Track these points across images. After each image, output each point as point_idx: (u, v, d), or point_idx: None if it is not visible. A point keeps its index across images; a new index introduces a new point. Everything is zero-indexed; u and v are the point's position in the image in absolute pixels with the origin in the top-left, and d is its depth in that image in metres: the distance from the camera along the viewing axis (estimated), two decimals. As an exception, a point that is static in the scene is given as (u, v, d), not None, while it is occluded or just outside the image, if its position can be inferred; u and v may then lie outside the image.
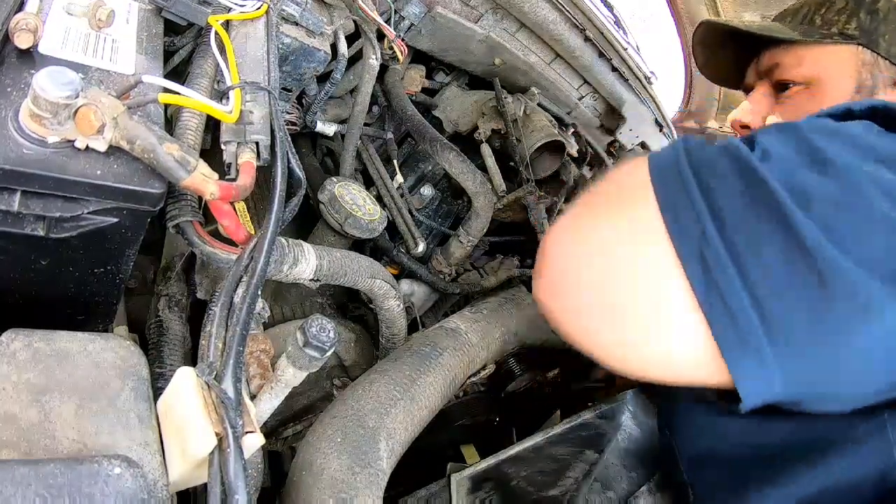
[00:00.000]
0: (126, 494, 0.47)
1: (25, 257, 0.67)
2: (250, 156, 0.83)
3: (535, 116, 1.69)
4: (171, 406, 0.61)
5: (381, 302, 1.16)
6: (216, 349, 0.66)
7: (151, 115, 0.74)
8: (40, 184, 0.61)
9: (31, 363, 0.57)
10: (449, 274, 1.54)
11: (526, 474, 1.13)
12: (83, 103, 0.61)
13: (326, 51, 1.15)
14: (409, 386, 1.00)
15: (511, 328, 1.35)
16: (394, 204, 1.53)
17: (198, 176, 0.68)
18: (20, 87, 0.66)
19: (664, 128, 2.28)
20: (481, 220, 1.42)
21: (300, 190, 0.91)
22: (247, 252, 0.75)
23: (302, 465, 0.84)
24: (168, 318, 0.98)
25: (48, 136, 0.61)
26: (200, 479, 0.59)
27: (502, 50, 1.63)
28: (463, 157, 1.36)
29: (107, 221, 0.67)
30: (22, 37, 0.67)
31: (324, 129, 1.45)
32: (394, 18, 1.36)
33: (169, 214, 0.78)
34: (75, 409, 0.56)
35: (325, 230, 1.31)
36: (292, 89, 1.22)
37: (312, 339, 0.68)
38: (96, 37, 0.77)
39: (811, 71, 1.05)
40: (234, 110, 0.80)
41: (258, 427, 0.63)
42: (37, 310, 0.74)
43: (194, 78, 0.87)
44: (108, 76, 0.74)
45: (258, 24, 0.95)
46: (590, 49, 1.80)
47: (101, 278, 0.74)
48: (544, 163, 1.78)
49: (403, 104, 1.48)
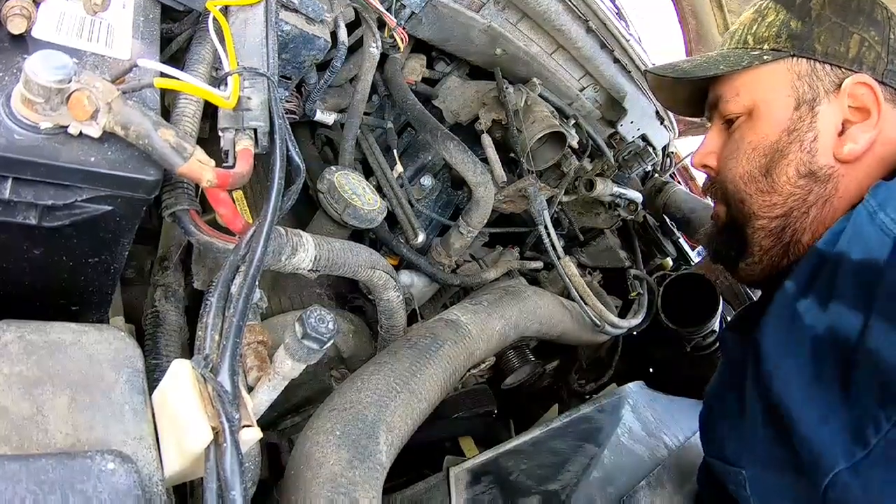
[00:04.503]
0: (120, 490, 0.46)
1: (17, 246, 0.65)
2: (248, 143, 0.81)
3: (536, 107, 1.67)
4: (167, 399, 0.60)
5: (380, 293, 1.15)
6: (213, 341, 0.65)
7: (147, 101, 0.72)
8: (32, 171, 0.60)
9: (24, 355, 0.56)
10: (449, 265, 1.53)
11: (525, 468, 1.12)
12: (76, 88, 0.60)
13: (326, 38, 1.13)
14: (409, 379, 1.00)
15: (511, 320, 1.34)
16: (393, 194, 1.52)
17: (194, 163, 0.67)
18: (12, 72, 0.64)
19: (665, 120, 2.27)
20: (481, 210, 1.41)
21: (299, 178, 0.90)
22: (244, 241, 0.74)
23: (300, 458, 0.83)
24: (165, 309, 0.97)
25: (40, 122, 0.60)
26: (196, 473, 0.58)
27: (504, 40, 1.61)
28: (463, 147, 1.35)
29: (100, 209, 0.66)
30: (15, 22, 0.66)
31: (323, 118, 1.44)
32: (394, 6, 1.35)
33: (165, 203, 0.77)
34: (68, 401, 0.55)
35: (323, 220, 1.29)
36: (291, 77, 1.20)
37: (311, 331, 0.67)
38: (91, 21, 0.75)
39: (747, 100, 1.02)
40: (232, 96, 0.79)
41: (255, 420, 0.62)
42: (29, 300, 0.73)
43: (192, 64, 0.86)
44: (103, 61, 0.72)
45: (257, 10, 0.93)
46: (591, 40, 1.78)
47: (95, 268, 0.73)
48: (545, 154, 1.77)
49: (404, 93, 1.46)
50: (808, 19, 0.98)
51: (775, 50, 0.99)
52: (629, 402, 1.38)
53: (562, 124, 1.73)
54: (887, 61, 0.95)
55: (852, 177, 0.95)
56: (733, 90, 1.04)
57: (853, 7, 0.97)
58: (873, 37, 0.96)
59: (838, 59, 0.96)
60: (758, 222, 1.01)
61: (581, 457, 1.14)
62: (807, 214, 0.97)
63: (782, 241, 1.00)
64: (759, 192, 1.00)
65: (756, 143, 1.00)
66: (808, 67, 0.97)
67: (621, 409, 1.34)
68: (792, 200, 0.97)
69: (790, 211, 0.98)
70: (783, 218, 0.99)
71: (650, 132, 2.26)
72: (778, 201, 0.98)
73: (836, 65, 0.96)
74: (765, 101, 1.00)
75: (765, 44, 1.01)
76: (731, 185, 1.04)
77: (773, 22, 1.02)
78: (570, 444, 1.19)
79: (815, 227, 0.97)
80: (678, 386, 1.70)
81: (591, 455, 1.14)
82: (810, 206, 0.97)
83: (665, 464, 1.21)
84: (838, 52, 0.96)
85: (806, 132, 0.96)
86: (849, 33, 0.96)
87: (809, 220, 0.97)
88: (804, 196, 0.97)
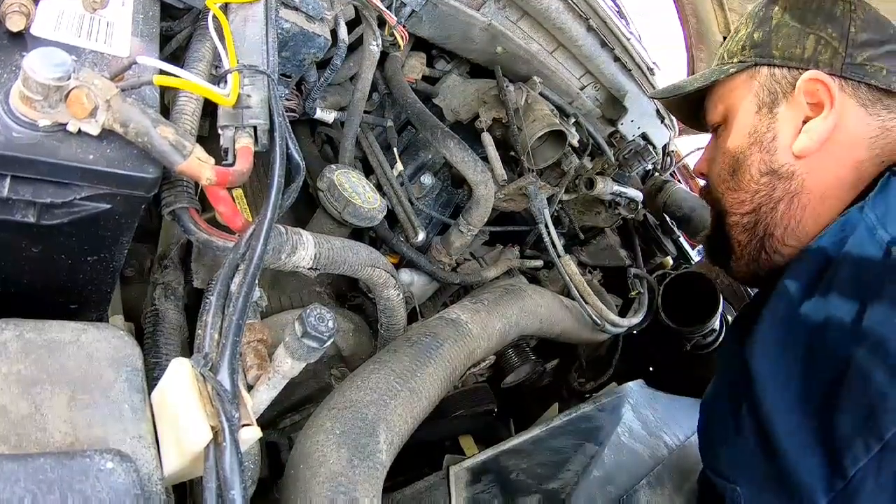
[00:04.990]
0: (119, 490, 0.46)
1: (16, 245, 0.65)
2: (248, 140, 0.81)
3: (536, 106, 1.67)
4: (166, 398, 0.59)
5: (380, 291, 1.14)
6: (212, 339, 0.64)
7: (146, 99, 0.72)
8: (31, 169, 0.59)
9: (22, 354, 0.56)
10: (449, 263, 1.53)
11: (525, 467, 1.12)
12: (75, 85, 0.59)
13: (326, 36, 1.13)
14: (409, 377, 0.99)
15: (512, 319, 1.34)
16: (393, 192, 1.51)
17: (193, 161, 0.67)
18: (11, 69, 0.64)
19: (665, 119, 2.27)
20: (482, 209, 1.41)
21: (299, 176, 0.89)
22: (244, 240, 0.73)
23: (300, 457, 0.82)
24: (164, 308, 0.97)
25: (39, 120, 0.60)
26: (196, 472, 0.58)
27: (504, 38, 1.61)
28: (464, 145, 1.35)
29: (99, 207, 0.65)
30: (14, 19, 0.65)
31: (323, 116, 1.43)
32: (395, 4, 1.34)
33: (164, 201, 0.77)
34: (67, 400, 0.55)
35: (323, 218, 1.29)
36: (291, 75, 1.20)
37: (311, 330, 0.67)
38: (90, 19, 0.75)
39: (721, 109, 1.13)
40: (232, 94, 0.78)
41: (255, 419, 0.62)
42: (28, 299, 0.73)
43: (191, 62, 0.85)
44: (102, 58, 0.72)
45: (257, 8, 0.93)
46: (592, 38, 1.78)
47: (94, 266, 0.73)
48: (545, 152, 1.76)
49: (404, 92, 1.46)
50: (768, 29, 1.06)
51: (741, 62, 1.09)
52: (629, 401, 1.37)
53: (562, 123, 1.72)
54: (845, 55, 0.98)
55: (820, 169, 0.99)
56: (712, 102, 1.16)
57: (812, 8, 1.03)
58: (830, 34, 1.00)
59: (795, 61, 1.02)
60: (731, 219, 1.11)
61: (581, 456, 1.14)
62: (775, 210, 1.04)
63: (757, 236, 1.07)
64: (729, 190, 1.10)
65: (725, 146, 1.11)
66: (768, 73, 1.05)
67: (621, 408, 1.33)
68: (758, 197, 1.05)
69: (758, 207, 1.06)
70: (753, 214, 1.07)
71: (651, 131, 2.26)
72: (745, 198, 1.07)
73: (794, 67, 1.02)
74: (733, 108, 1.10)
75: (734, 58, 1.11)
76: (711, 186, 1.16)
77: (740, 37, 1.11)
78: (570, 443, 1.19)
79: (786, 221, 1.03)
80: (678, 385, 1.70)
81: (591, 454, 1.14)
82: (777, 201, 1.03)
83: (665, 463, 1.21)
84: (794, 55, 1.02)
85: (765, 133, 1.04)
86: (805, 34, 1.02)
87: (779, 214, 1.03)
88: (769, 192, 1.04)
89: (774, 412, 0.85)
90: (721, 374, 1.11)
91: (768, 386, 0.87)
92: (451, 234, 1.48)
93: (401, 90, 1.47)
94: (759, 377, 0.88)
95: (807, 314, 0.85)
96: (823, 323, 0.83)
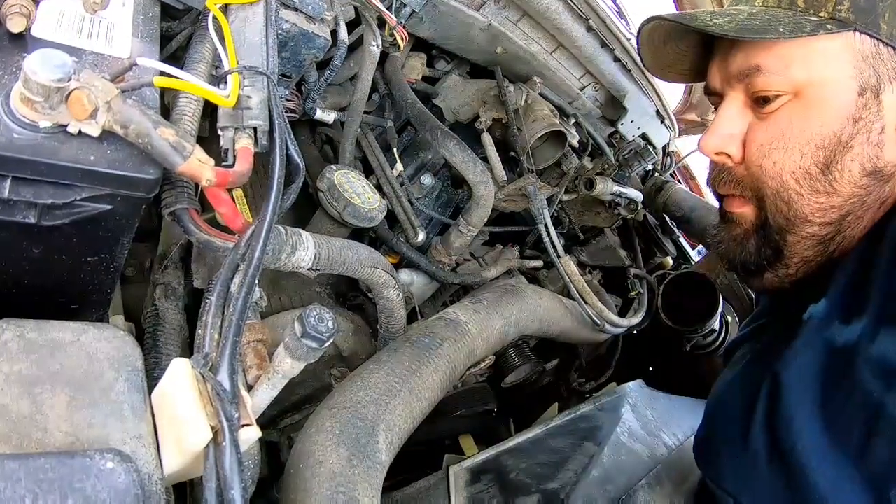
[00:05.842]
0: (119, 489, 0.46)
1: (17, 245, 0.65)
2: (248, 141, 0.81)
3: (536, 106, 1.67)
4: (166, 398, 0.60)
5: (380, 291, 1.15)
6: (212, 339, 0.65)
7: (147, 100, 0.72)
8: (31, 169, 0.60)
9: (23, 354, 0.56)
10: (448, 264, 1.53)
11: (525, 466, 1.12)
12: (76, 87, 0.60)
13: (326, 37, 1.13)
14: (409, 377, 1.00)
15: (511, 319, 1.34)
16: (393, 193, 1.51)
17: (194, 162, 0.67)
18: (12, 70, 0.64)
19: (666, 119, 2.27)
20: (482, 209, 1.41)
21: (299, 177, 0.89)
22: (244, 240, 0.74)
23: (300, 456, 0.83)
24: (164, 308, 0.97)
25: (40, 121, 0.60)
26: (196, 472, 0.58)
27: (504, 39, 1.61)
28: (464, 145, 1.35)
29: (100, 208, 0.66)
30: (14, 20, 0.65)
31: (323, 116, 1.44)
32: (395, 5, 1.34)
33: (164, 201, 0.77)
34: (68, 400, 0.55)
35: (323, 218, 1.29)
36: (291, 76, 1.20)
37: (311, 330, 0.67)
38: (91, 20, 0.75)
39: (801, 75, 0.81)
40: (232, 95, 0.78)
41: (255, 419, 0.62)
42: (29, 299, 0.73)
43: (191, 63, 0.86)
44: (102, 60, 0.72)
45: (257, 9, 0.93)
46: (592, 39, 1.78)
47: (94, 267, 0.73)
48: (545, 153, 1.76)
49: (404, 92, 1.46)
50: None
51: (837, 20, 0.79)
52: (629, 400, 1.38)
53: (562, 123, 1.72)
54: None
55: None
56: (780, 61, 0.82)
57: None
58: None
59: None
60: (806, 229, 0.86)
61: (580, 455, 1.14)
62: (861, 220, 0.84)
63: (828, 251, 0.87)
64: (815, 191, 0.83)
65: (813, 131, 0.82)
66: (873, 48, 0.79)
67: (621, 408, 1.34)
68: (851, 203, 0.83)
69: (846, 215, 0.84)
70: (837, 224, 0.85)
71: (650, 131, 2.26)
72: (836, 203, 0.83)
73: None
74: (823, 80, 0.81)
75: (822, 10, 0.80)
76: (775, 181, 0.85)
77: None
78: (569, 443, 1.19)
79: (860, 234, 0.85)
80: (678, 385, 1.70)
81: (590, 454, 1.15)
82: (867, 209, 0.84)
83: (664, 463, 1.21)
84: None
85: (873, 122, 0.80)
86: None
87: (862, 226, 0.85)
88: (864, 197, 0.83)
89: (805, 434, 0.79)
90: (729, 383, 1.02)
91: (799, 410, 0.80)
92: (451, 234, 1.49)
93: (401, 90, 1.47)
94: (790, 400, 0.82)
95: (850, 340, 0.76)
96: (868, 352, 0.74)
